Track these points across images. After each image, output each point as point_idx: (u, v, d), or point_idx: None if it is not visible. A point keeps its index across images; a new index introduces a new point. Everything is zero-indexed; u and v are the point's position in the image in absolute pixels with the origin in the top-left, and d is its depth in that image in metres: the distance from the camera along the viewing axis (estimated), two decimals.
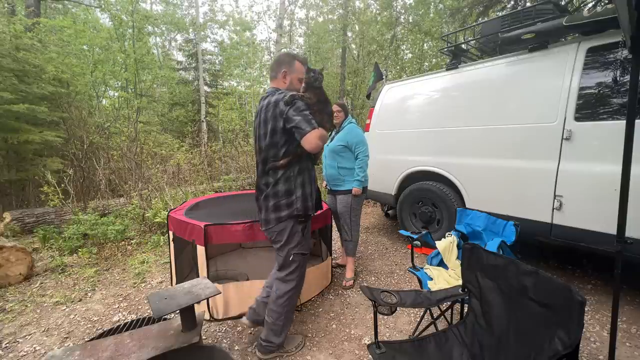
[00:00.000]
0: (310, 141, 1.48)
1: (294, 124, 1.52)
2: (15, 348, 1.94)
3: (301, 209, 1.64)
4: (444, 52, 3.47)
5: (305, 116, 1.52)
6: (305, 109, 1.55)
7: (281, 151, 1.60)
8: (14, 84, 4.93)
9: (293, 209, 1.63)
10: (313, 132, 1.48)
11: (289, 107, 1.54)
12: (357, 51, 12.31)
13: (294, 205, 1.63)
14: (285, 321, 1.74)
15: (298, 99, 1.56)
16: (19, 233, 3.95)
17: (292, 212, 1.63)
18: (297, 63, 1.71)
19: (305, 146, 1.51)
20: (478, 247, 1.44)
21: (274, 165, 1.63)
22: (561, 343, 0.98)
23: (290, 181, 1.63)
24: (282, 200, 1.63)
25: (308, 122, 1.50)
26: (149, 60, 9.00)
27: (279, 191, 1.63)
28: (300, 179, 1.65)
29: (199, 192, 5.24)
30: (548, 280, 1.14)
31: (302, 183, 1.65)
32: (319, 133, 1.49)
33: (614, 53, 2.16)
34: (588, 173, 2.22)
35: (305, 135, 1.49)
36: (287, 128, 1.55)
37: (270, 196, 1.65)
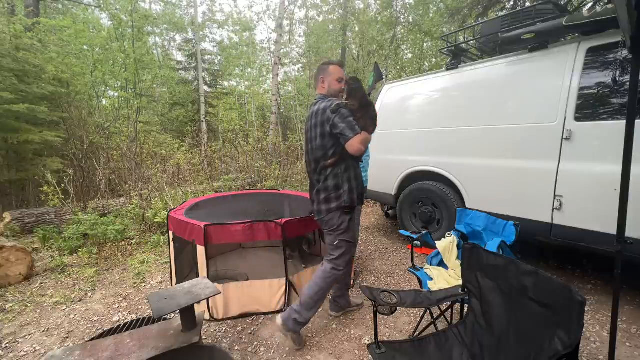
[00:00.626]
0: (353, 146, 1.70)
1: (339, 131, 1.73)
2: (15, 348, 1.94)
3: (348, 201, 1.85)
4: (444, 52, 3.47)
5: (349, 123, 1.72)
6: (349, 115, 1.74)
7: (329, 152, 1.82)
8: (14, 84, 4.93)
9: (341, 201, 1.84)
10: (356, 138, 1.69)
11: (335, 114, 1.74)
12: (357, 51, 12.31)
13: (341, 198, 1.84)
14: (318, 299, 1.89)
15: (342, 107, 1.75)
16: (19, 233, 3.95)
17: (340, 204, 1.84)
18: (330, 67, 1.93)
19: (349, 150, 1.73)
20: (478, 247, 1.44)
21: (324, 164, 1.85)
22: (561, 343, 0.98)
23: (338, 177, 1.85)
24: (332, 194, 1.85)
25: (351, 129, 1.70)
26: (148, 60, 9.00)
27: (328, 186, 1.85)
28: (346, 175, 1.86)
29: (199, 192, 5.24)
30: (548, 280, 1.14)
31: (349, 179, 1.86)
32: (361, 138, 1.70)
33: (614, 53, 2.16)
34: (588, 173, 2.22)
35: (348, 141, 1.70)
36: (333, 133, 1.76)
37: (321, 190, 1.88)
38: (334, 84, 1.91)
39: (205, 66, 13.09)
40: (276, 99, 9.53)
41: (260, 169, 6.80)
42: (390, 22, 9.26)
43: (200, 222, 2.17)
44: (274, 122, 9.46)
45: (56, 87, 5.76)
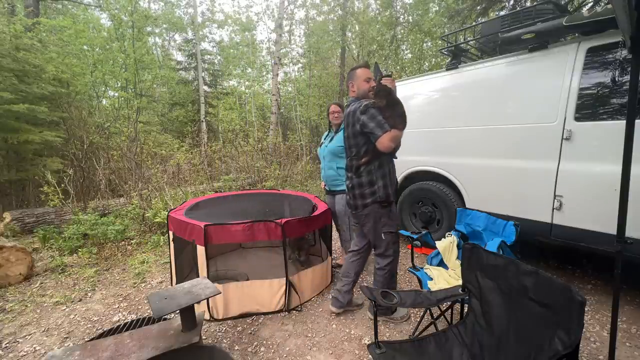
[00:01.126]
0: (383, 143, 1.81)
1: (368, 130, 1.85)
2: (15, 348, 1.94)
3: (383, 196, 1.95)
4: (444, 52, 3.46)
5: (378, 122, 1.82)
6: (378, 114, 1.84)
7: (362, 150, 1.95)
8: (14, 84, 4.93)
9: (376, 196, 1.95)
10: (384, 136, 1.79)
11: (364, 115, 1.86)
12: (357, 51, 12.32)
13: (376, 193, 1.94)
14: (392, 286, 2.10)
15: (370, 107, 1.86)
16: (19, 233, 3.95)
17: (375, 198, 1.95)
18: (357, 71, 2.06)
19: (379, 147, 1.84)
20: (478, 247, 1.44)
21: (358, 162, 1.98)
22: (561, 343, 0.98)
23: (372, 174, 1.95)
24: (366, 190, 1.96)
25: (380, 127, 1.81)
26: (148, 60, 9.00)
27: (362, 182, 1.97)
28: (380, 171, 1.95)
29: (199, 192, 5.24)
30: (548, 280, 1.14)
31: (383, 174, 1.96)
32: (390, 135, 1.79)
33: (614, 53, 2.16)
34: (588, 173, 2.22)
35: (378, 139, 1.82)
36: (364, 132, 1.88)
37: (355, 186, 2.01)
38: (362, 84, 2.02)
39: (205, 66, 13.09)
40: (276, 99, 9.53)
41: (260, 169, 6.80)
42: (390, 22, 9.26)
43: (200, 222, 2.17)
44: (274, 122, 9.47)
45: (56, 87, 5.76)
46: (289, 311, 2.28)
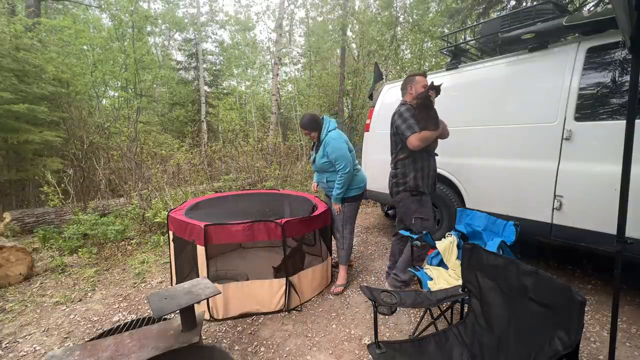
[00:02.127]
0: (411, 143, 2.11)
1: (400, 131, 2.19)
2: (15, 348, 1.94)
3: (413, 186, 2.26)
4: (444, 52, 3.46)
5: (408, 124, 2.13)
6: (409, 117, 2.15)
7: (398, 147, 2.30)
8: (14, 84, 4.93)
9: (406, 186, 2.28)
10: (412, 137, 2.10)
11: (398, 117, 2.22)
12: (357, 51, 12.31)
13: (407, 184, 2.28)
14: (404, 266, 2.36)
15: (404, 110, 2.19)
16: (19, 233, 3.95)
17: (405, 188, 2.29)
18: (417, 77, 2.31)
19: (409, 146, 2.14)
20: (478, 247, 1.44)
21: (396, 158, 2.34)
22: (561, 343, 0.98)
23: (406, 167, 2.28)
24: (400, 180, 2.32)
25: (409, 128, 2.12)
26: (149, 60, 9.00)
27: (397, 174, 2.34)
28: (413, 165, 2.26)
29: (199, 192, 5.24)
30: (548, 280, 1.14)
31: (415, 169, 2.26)
32: (418, 136, 2.09)
33: (614, 53, 2.16)
34: (588, 173, 2.22)
35: (407, 139, 2.12)
36: (397, 133, 2.23)
37: (392, 177, 2.39)
38: (420, 90, 2.25)
39: (205, 66, 13.09)
40: (276, 99, 9.53)
41: (260, 169, 6.80)
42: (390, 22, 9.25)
43: (200, 222, 2.17)
44: (274, 122, 9.46)
45: (56, 87, 5.76)
46: (289, 311, 2.28)
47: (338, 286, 2.61)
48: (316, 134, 2.51)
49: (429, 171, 2.29)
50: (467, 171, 2.97)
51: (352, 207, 2.59)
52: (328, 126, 2.49)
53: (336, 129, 2.51)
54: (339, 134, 2.48)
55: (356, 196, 2.58)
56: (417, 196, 2.27)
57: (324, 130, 2.47)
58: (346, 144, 2.48)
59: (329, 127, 2.48)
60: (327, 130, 2.47)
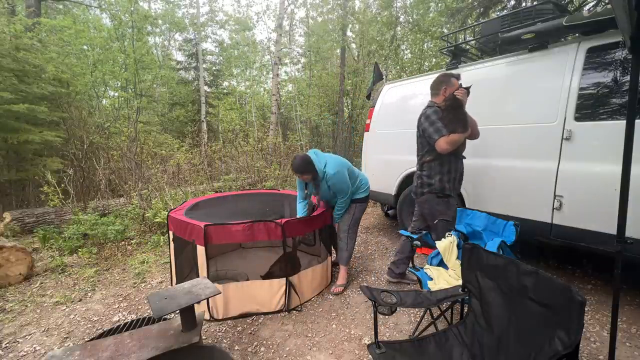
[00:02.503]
0: (440, 146, 2.09)
1: (427, 134, 2.16)
2: (15, 348, 1.94)
3: (438, 188, 2.25)
4: (444, 52, 3.46)
5: (436, 128, 2.10)
6: (436, 120, 2.12)
7: (425, 149, 2.28)
8: (14, 84, 4.93)
9: (432, 188, 2.27)
10: (440, 140, 2.07)
11: (425, 119, 2.19)
12: (357, 51, 12.31)
13: (432, 185, 2.26)
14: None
15: (431, 113, 2.15)
16: (19, 233, 3.95)
17: (431, 189, 2.28)
18: (452, 79, 2.24)
19: (437, 149, 2.12)
20: (478, 247, 1.44)
21: (421, 159, 2.33)
22: (561, 343, 0.98)
23: (432, 169, 2.26)
24: (425, 181, 2.31)
25: (436, 131, 2.10)
26: (148, 60, 8.99)
27: (423, 175, 2.33)
28: (440, 167, 2.23)
29: (199, 192, 5.24)
30: (548, 280, 1.14)
31: (441, 171, 2.24)
32: (446, 140, 2.06)
33: (614, 53, 2.16)
34: (588, 173, 2.22)
35: (435, 142, 2.11)
36: (424, 135, 2.20)
37: (418, 177, 2.38)
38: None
39: (205, 66, 13.08)
40: (276, 99, 9.53)
41: (260, 169, 6.80)
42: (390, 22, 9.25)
43: (200, 222, 2.17)
44: (274, 122, 9.47)
45: (56, 87, 5.75)
46: (289, 311, 2.28)
47: (338, 286, 2.61)
48: (310, 176, 2.39)
49: (455, 174, 2.28)
50: (467, 171, 2.96)
51: (361, 207, 2.63)
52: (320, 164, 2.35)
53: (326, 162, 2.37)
54: (334, 165, 2.37)
55: (365, 197, 2.63)
56: (443, 198, 2.26)
57: (318, 170, 2.35)
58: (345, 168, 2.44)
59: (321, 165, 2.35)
60: (323, 168, 2.35)
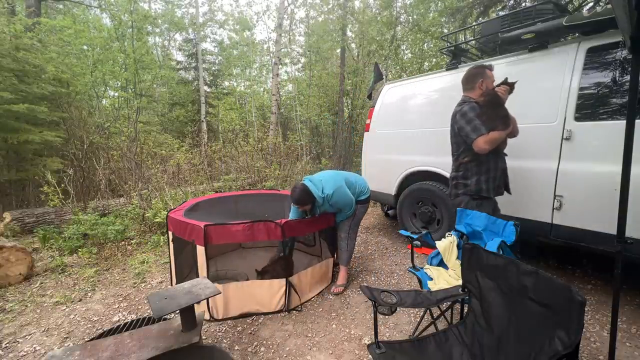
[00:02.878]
0: (478, 146, 1.96)
1: (464, 133, 2.03)
2: (15, 348, 1.94)
3: (474, 190, 2.12)
4: (444, 52, 3.47)
5: (474, 126, 1.96)
6: (474, 118, 1.98)
7: (461, 149, 2.16)
8: (14, 84, 4.93)
9: (467, 189, 2.15)
10: (478, 139, 1.94)
11: (461, 117, 2.04)
12: (357, 51, 12.30)
13: (468, 186, 2.15)
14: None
15: (468, 110, 2.01)
16: (19, 233, 3.95)
17: (466, 191, 2.16)
18: (487, 71, 2.10)
19: (475, 149, 1.99)
20: (478, 247, 1.44)
21: (457, 160, 2.21)
22: (561, 343, 0.98)
23: (469, 170, 2.14)
24: (460, 182, 2.20)
25: (474, 130, 1.96)
26: (148, 60, 9.00)
27: (458, 176, 2.21)
28: (477, 168, 2.10)
29: (199, 192, 5.24)
30: (548, 280, 1.14)
31: (479, 171, 2.10)
32: (484, 139, 1.93)
33: (614, 53, 2.16)
34: (588, 173, 2.22)
35: (472, 142, 1.98)
36: (460, 134, 2.07)
37: (453, 178, 2.27)
38: (491, 86, 2.08)
39: (205, 66, 13.09)
40: (276, 99, 9.53)
41: (260, 169, 6.80)
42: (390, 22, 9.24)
43: (200, 222, 2.17)
44: (274, 122, 9.47)
45: (56, 87, 5.75)
46: (289, 311, 2.28)
47: (338, 286, 2.61)
48: (310, 205, 2.39)
49: (495, 173, 2.12)
50: None
51: (363, 209, 2.63)
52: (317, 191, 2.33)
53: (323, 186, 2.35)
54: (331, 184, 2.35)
55: (366, 199, 2.63)
56: (478, 200, 2.13)
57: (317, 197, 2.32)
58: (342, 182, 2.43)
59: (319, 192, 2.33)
60: (321, 194, 2.32)
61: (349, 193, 2.45)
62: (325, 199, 2.34)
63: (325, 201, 2.35)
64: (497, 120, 1.93)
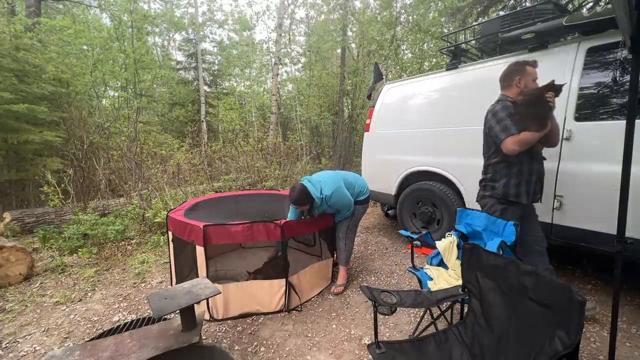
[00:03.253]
0: (507, 147, 1.84)
1: (493, 133, 1.92)
2: (15, 348, 1.94)
3: (500, 193, 1.99)
4: (444, 52, 3.47)
5: (504, 126, 1.85)
6: (505, 117, 1.86)
7: (491, 150, 2.03)
8: (14, 84, 4.93)
9: (494, 192, 2.04)
10: (507, 140, 1.83)
11: (492, 116, 1.93)
12: (357, 51, 12.31)
13: (495, 189, 2.03)
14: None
15: (500, 109, 1.89)
16: (19, 233, 3.95)
17: (492, 194, 2.05)
18: (527, 67, 1.95)
19: (503, 150, 1.88)
20: (478, 247, 1.44)
21: (487, 161, 2.09)
22: (561, 343, 0.98)
23: (497, 172, 2.02)
24: (488, 184, 2.09)
25: (504, 131, 1.85)
26: (148, 60, 9.00)
27: (487, 178, 2.11)
28: (506, 170, 1.97)
29: (199, 192, 5.24)
30: (548, 280, 1.14)
31: (509, 174, 1.96)
32: (514, 140, 1.81)
33: (614, 53, 2.15)
34: (588, 173, 2.22)
35: (501, 143, 1.87)
36: (490, 134, 1.96)
37: (482, 180, 2.18)
38: (530, 83, 1.94)
39: (205, 66, 13.08)
40: (276, 99, 9.53)
41: (260, 169, 6.80)
42: (390, 22, 9.25)
43: (199, 222, 2.17)
44: (274, 122, 9.46)
45: (56, 87, 5.76)
46: (289, 311, 2.28)
47: (338, 286, 2.61)
48: (309, 206, 2.39)
49: (530, 176, 1.94)
50: (467, 171, 2.97)
51: (362, 209, 2.63)
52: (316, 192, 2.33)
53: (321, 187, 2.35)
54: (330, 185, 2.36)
55: (365, 199, 2.63)
56: (504, 204, 2.00)
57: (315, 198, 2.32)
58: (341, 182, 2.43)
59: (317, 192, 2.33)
60: (320, 194, 2.33)
61: (347, 194, 2.45)
62: (324, 199, 2.34)
63: (323, 202, 2.35)
64: (530, 120, 1.78)
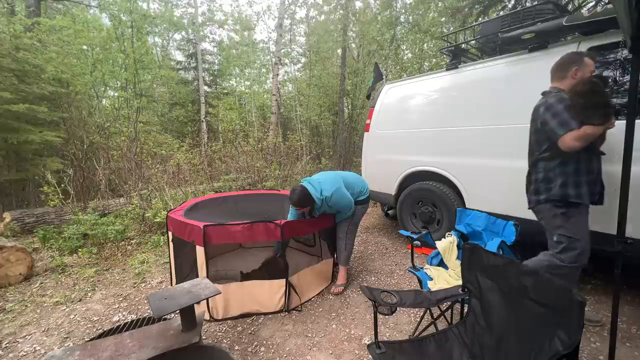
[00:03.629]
0: (565, 143, 1.67)
1: (549, 128, 1.74)
2: (15, 348, 1.94)
3: (557, 195, 1.78)
4: (444, 52, 3.47)
5: (562, 120, 1.68)
6: (562, 110, 1.70)
7: (543, 147, 1.85)
8: (14, 84, 4.94)
9: (550, 194, 1.82)
10: (566, 136, 1.66)
11: (545, 110, 1.77)
12: (357, 51, 12.31)
13: (551, 191, 1.81)
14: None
15: (555, 102, 1.73)
16: (19, 233, 3.95)
17: (549, 196, 1.83)
18: (586, 59, 1.79)
19: (561, 147, 1.70)
20: (478, 247, 1.44)
21: (536, 157, 1.90)
22: (561, 343, 0.98)
23: (549, 171, 1.83)
24: (541, 186, 1.87)
25: (561, 125, 1.68)
26: (148, 60, 8.99)
27: (538, 178, 1.89)
28: (561, 168, 1.78)
29: (199, 192, 5.24)
30: (548, 281, 1.14)
31: (565, 172, 1.77)
32: (574, 134, 1.63)
33: (614, 53, 2.16)
34: None
35: (559, 139, 1.69)
36: (544, 130, 1.78)
37: (532, 182, 1.95)
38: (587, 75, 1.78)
39: (205, 66, 13.09)
40: (276, 99, 9.53)
41: (260, 169, 6.80)
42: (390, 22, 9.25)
43: (199, 222, 2.17)
44: (274, 122, 9.47)
45: (56, 87, 5.77)
46: (289, 311, 2.28)
47: (338, 286, 2.61)
48: (309, 207, 2.38)
49: (588, 176, 1.76)
50: (468, 171, 2.97)
51: (362, 210, 2.63)
52: (316, 193, 2.32)
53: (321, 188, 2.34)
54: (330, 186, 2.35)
55: (365, 199, 2.63)
56: (562, 208, 1.79)
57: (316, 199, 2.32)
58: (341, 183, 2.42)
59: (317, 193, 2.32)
60: (320, 195, 2.32)
61: (347, 195, 2.45)
62: (324, 200, 2.34)
63: (324, 203, 2.35)
64: (591, 111, 1.60)
